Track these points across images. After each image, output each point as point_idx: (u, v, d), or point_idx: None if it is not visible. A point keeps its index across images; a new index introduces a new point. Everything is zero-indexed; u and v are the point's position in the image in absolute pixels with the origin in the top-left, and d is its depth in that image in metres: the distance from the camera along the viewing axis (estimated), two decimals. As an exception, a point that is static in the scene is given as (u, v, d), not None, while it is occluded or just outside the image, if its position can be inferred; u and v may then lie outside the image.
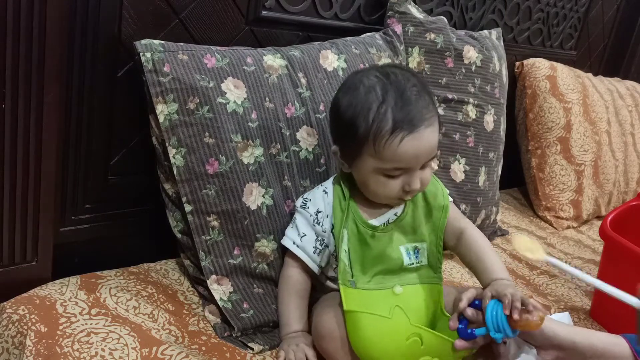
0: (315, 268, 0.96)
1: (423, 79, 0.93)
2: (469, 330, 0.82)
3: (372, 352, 0.85)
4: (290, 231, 0.97)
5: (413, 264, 0.95)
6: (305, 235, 0.95)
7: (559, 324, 0.86)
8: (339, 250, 0.91)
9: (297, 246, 0.95)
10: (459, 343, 0.82)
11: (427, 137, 0.87)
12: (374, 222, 0.95)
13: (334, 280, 0.97)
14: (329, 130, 1.00)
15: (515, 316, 0.78)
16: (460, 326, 0.83)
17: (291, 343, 0.90)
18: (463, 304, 0.83)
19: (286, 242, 0.97)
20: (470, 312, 0.83)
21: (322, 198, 0.96)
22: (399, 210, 0.96)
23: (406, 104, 0.86)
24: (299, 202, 0.98)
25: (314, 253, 0.95)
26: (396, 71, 0.91)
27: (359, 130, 0.87)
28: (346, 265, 0.90)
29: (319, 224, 0.95)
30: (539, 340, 0.84)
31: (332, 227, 0.94)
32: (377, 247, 0.93)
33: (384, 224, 0.95)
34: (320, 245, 0.95)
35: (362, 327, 0.85)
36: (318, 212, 0.95)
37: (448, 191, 1.01)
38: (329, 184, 0.98)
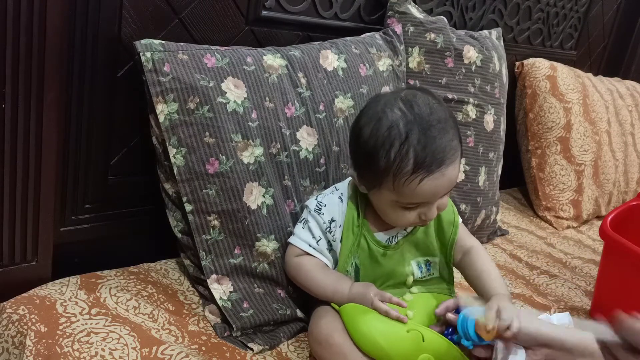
0: (331, 266, 0.96)
1: (447, 108, 0.91)
2: (453, 337, 0.85)
3: (376, 340, 0.83)
4: (303, 233, 0.96)
5: (425, 276, 0.96)
6: (320, 238, 0.95)
7: (546, 323, 0.87)
8: (342, 268, 0.93)
9: (315, 249, 0.95)
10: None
11: (448, 175, 0.86)
12: (385, 236, 0.95)
13: None
14: (349, 153, 0.98)
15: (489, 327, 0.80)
16: (446, 331, 0.86)
17: (366, 296, 0.87)
18: (439, 310, 0.87)
19: (301, 244, 0.95)
20: (451, 317, 0.85)
21: (337, 205, 0.95)
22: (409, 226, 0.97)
23: (429, 143, 0.83)
24: (312, 204, 0.96)
25: (329, 253, 0.96)
26: (420, 101, 0.87)
27: (379, 165, 0.85)
28: (351, 281, 0.92)
29: (330, 233, 0.94)
30: (526, 339, 0.84)
31: (342, 237, 0.94)
32: (388, 265, 0.94)
33: (393, 237, 0.96)
34: (330, 248, 0.96)
35: (360, 318, 0.85)
36: (332, 220, 0.94)
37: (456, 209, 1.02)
38: (344, 189, 0.97)
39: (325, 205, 0.95)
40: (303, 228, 0.96)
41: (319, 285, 0.93)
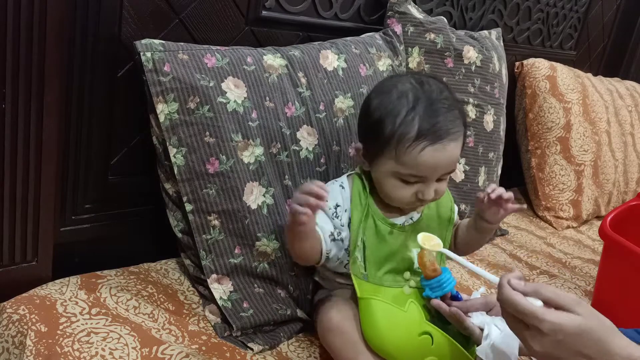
0: (325, 248, 0.93)
1: (455, 94, 0.96)
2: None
3: (384, 341, 0.86)
4: None
5: None
6: (324, 226, 0.93)
7: None
8: (353, 243, 0.92)
9: (317, 225, 0.92)
10: (434, 301, 0.89)
11: (449, 150, 0.88)
12: (392, 221, 0.96)
13: (345, 276, 0.98)
14: (357, 128, 1.01)
15: None
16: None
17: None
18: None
19: None
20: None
21: (339, 192, 0.96)
22: (415, 215, 0.97)
23: (434, 115, 0.87)
24: None
25: (329, 237, 0.93)
26: (431, 81, 0.92)
27: (384, 132, 0.88)
28: (359, 259, 0.91)
29: (337, 217, 0.94)
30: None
31: (349, 221, 0.94)
32: (394, 245, 0.94)
33: (402, 224, 0.96)
34: (337, 235, 0.94)
35: (377, 315, 0.87)
36: (337, 205, 0.95)
37: (456, 208, 1.05)
38: (344, 179, 0.99)
39: (328, 193, 0.95)
40: None
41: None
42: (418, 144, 0.86)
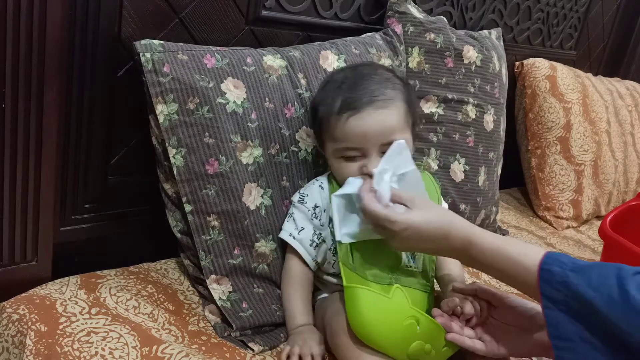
0: (310, 262, 0.96)
1: (401, 75, 0.99)
2: None
3: (370, 329, 0.84)
4: (287, 225, 0.99)
5: (411, 266, 0.95)
6: (303, 229, 0.96)
7: None
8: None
9: (294, 238, 0.96)
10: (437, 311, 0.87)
11: (377, 118, 0.89)
12: None
13: (334, 276, 0.98)
14: None
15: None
16: None
17: (298, 339, 0.89)
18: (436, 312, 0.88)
19: (283, 235, 0.98)
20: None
21: (318, 192, 0.98)
22: None
23: (358, 88, 0.91)
24: (296, 197, 0.99)
25: (311, 246, 0.96)
26: (367, 66, 0.98)
27: (317, 116, 0.95)
28: (348, 249, 0.90)
29: (316, 218, 0.96)
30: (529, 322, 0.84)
31: (329, 221, 0.94)
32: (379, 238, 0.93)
33: None
34: (318, 239, 0.96)
35: (362, 303, 0.85)
36: (316, 206, 0.97)
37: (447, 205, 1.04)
38: (324, 179, 1.00)
39: (307, 195, 0.99)
40: (287, 221, 0.99)
41: (285, 299, 0.97)
42: (342, 115, 0.90)
